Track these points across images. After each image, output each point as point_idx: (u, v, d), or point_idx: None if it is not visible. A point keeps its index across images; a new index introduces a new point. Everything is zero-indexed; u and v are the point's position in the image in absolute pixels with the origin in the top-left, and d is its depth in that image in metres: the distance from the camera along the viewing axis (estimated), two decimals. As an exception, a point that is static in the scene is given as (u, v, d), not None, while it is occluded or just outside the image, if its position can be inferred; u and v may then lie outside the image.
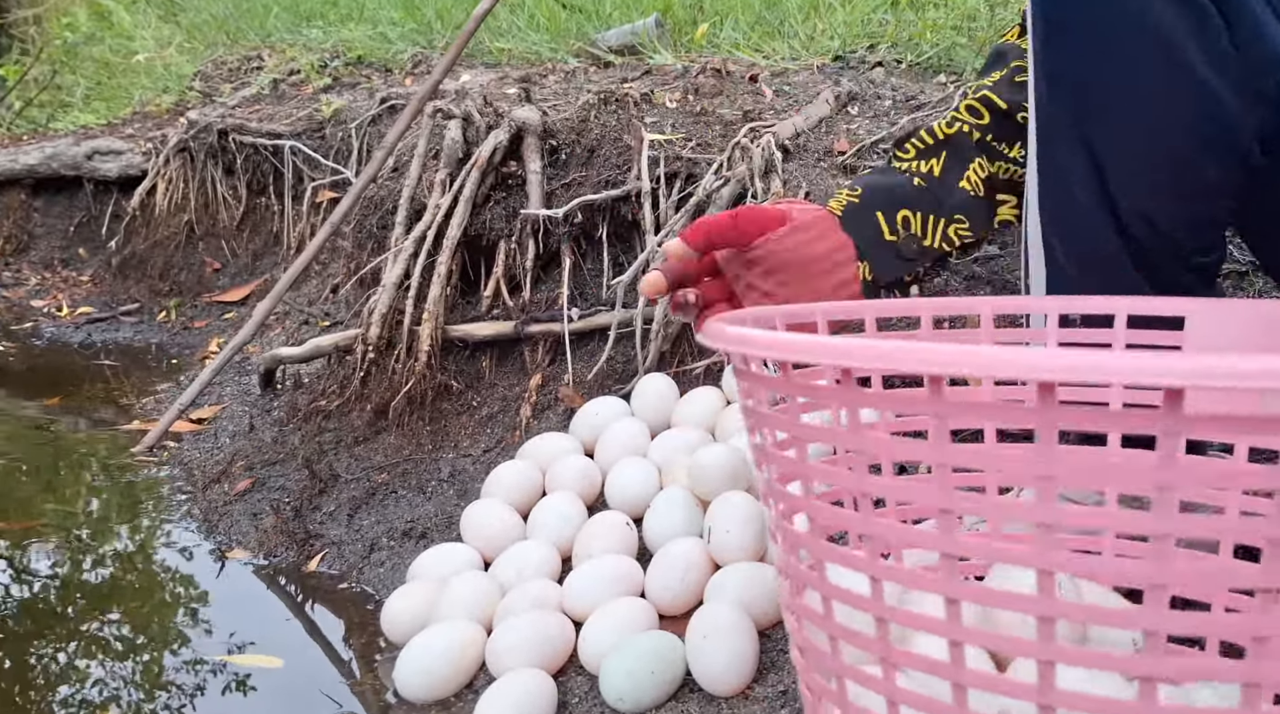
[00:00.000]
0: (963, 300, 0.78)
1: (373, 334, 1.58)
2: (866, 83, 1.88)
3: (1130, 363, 0.38)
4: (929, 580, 0.50)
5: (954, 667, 0.50)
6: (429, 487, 1.44)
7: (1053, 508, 0.45)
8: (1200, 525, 0.43)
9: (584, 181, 1.61)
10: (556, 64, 2.81)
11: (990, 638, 0.49)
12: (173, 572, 1.42)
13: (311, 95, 2.95)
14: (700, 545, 1.14)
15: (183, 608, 1.35)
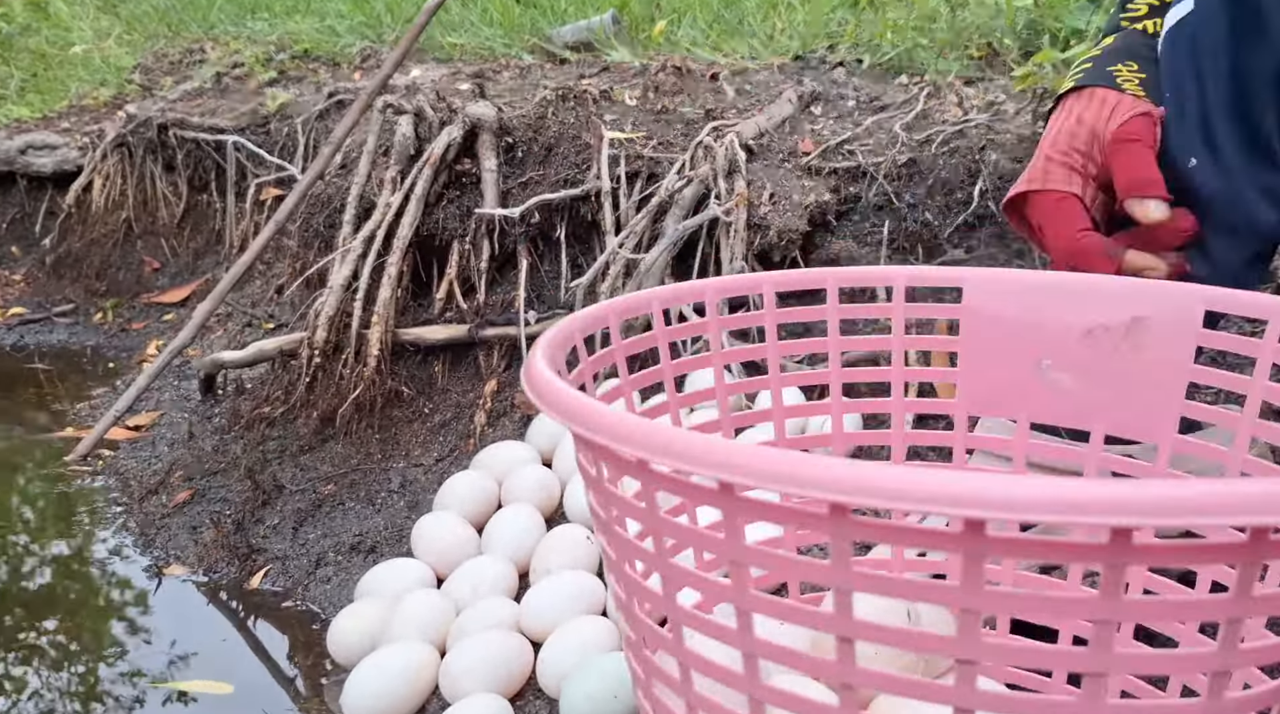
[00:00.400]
0: (873, 270, 0.77)
1: (319, 337, 1.51)
2: (829, 83, 1.85)
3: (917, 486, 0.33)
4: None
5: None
6: (378, 498, 1.38)
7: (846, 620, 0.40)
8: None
9: (541, 180, 1.56)
10: (511, 60, 2.75)
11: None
12: (107, 589, 1.34)
13: (256, 89, 2.85)
14: (664, 560, 1.10)
15: (117, 627, 1.27)
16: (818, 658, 0.43)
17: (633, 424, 0.41)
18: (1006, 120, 1.57)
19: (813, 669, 0.44)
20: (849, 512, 0.37)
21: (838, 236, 1.49)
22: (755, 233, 1.43)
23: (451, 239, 1.57)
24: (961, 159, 1.49)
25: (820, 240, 1.48)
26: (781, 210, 1.43)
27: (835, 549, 0.39)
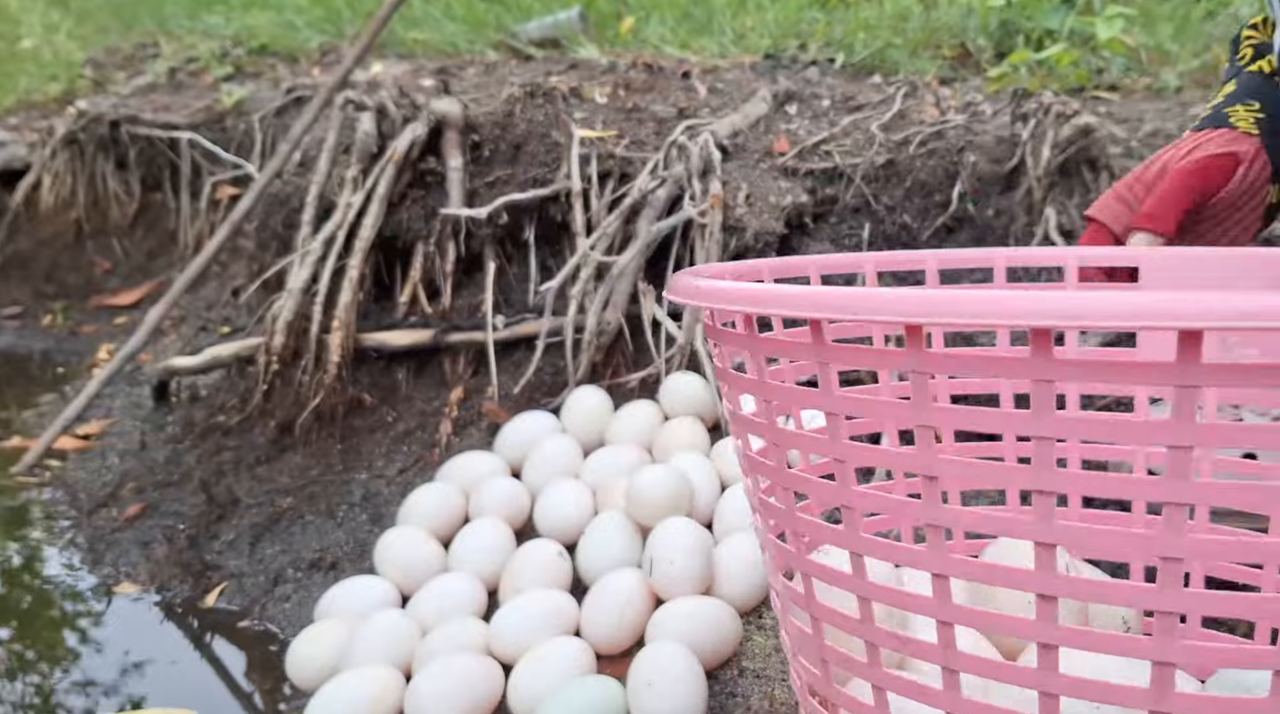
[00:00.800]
0: (975, 252, 0.77)
1: (277, 343, 1.45)
2: (803, 82, 1.81)
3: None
4: (918, 555, 0.47)
5: (944, 650, 0.48)
6: (339, 512, 1.32)
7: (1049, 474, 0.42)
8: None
9: (509, 180, 1.50)
10: (474, 56, 2.69)
11: (982, 618, 0.47)
12: (53, 607, 1.27)
13: (211, 85, 2.77)
14: (640, 578, 1.05)
15: (63, 649, 1.21)
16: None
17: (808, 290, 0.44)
18: (984, 121, 1.54)
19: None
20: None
21: (815, 239, 1.45)
22: (731, 235, 1.39)
23: (415, 240, 1.51)
24: (940, 161, 1.46)
25: (797, 243, 1.45)
26: (758, 212, 1.39)
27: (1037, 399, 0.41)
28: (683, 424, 1.28)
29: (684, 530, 1.06)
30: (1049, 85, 1.89)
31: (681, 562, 1.02)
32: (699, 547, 1.04)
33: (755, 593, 1.05)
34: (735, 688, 0.97)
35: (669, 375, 1.34)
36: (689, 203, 1.37)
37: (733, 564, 1.05)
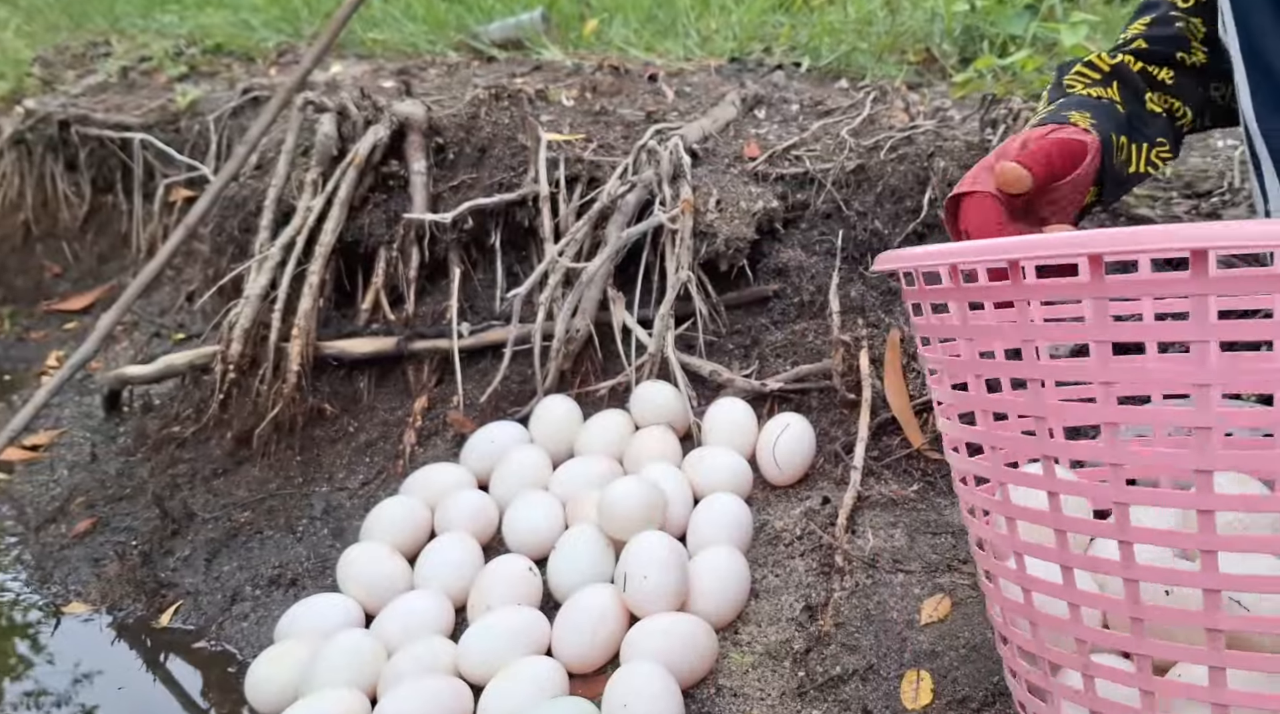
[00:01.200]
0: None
1: (234, 351, 1.40)
2: (770, 86, 1.79)
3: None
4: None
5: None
6: (299, 526, 1.28)
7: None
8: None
9: (474, 184, 1.47)
10: (435, 57, 2.65)
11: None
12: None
13: (165, 85, 2.71)
14: (613, 594, 1.02)
15: (9, 672, 1.16)
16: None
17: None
18: (954, 127, 1.53)
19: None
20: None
21: (786, 245, 1.43)
22: (702, 240, 1.37)
23: (378, 246, 1.47)
24: (910, 166, 1.44)
25: (768, 249, 1.43)
26: (729, 218, 1.37)
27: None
28: (654, 434, 1.25)
29: (658, 544, 1.03)
30: (1014, 91, 1.89)
31: (656, 577, 1.00)
32: (673, 561, 1.02)
33: (730, 607, 1.03)
34: (713, 707, 0.95)
35: (639, 384, 1.31)
36: (659, 208, 1.35)
37: (707, 578, 1.03)
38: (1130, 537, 0.57)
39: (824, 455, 1.25)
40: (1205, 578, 0.54)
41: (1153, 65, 0.98)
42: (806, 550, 1.12)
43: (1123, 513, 0.57)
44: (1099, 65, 0.97)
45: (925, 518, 1.14)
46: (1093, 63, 0.97)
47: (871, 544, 1.10)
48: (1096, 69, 0.97)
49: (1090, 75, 0.96)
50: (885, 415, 1.26)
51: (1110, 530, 0.58)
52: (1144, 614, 0.58)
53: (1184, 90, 0.99)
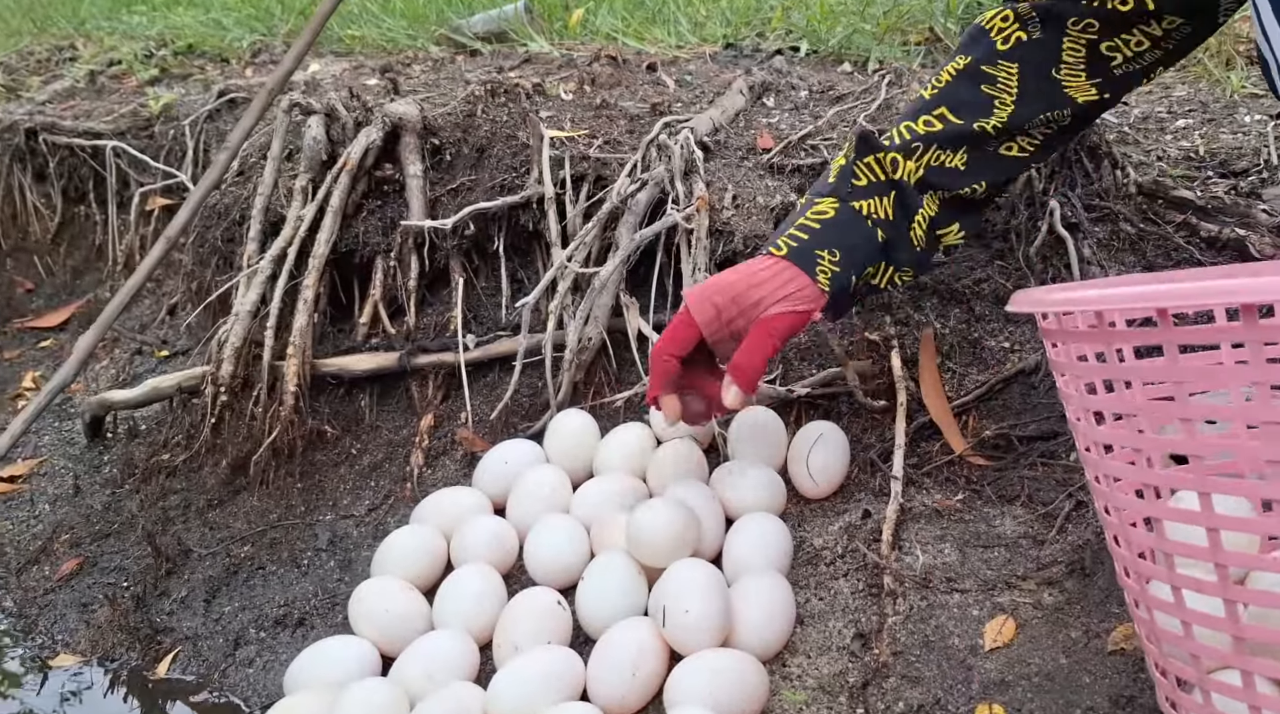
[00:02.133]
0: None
1: (225, 372, 1.32)
2: (774, 72, 1.71)
3: None
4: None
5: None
6: (304, 559, 1.20)
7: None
8: None
9: (474, 186, 1.39)
10: (417, 52, 2.56)
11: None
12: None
13: (136, 89, 2.60)
14: (651, 628, 0.95)
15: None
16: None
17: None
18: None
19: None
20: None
21: (805, 241, 1.36)
22: (718, 239, 1.29)
23: (374, 255, 1.39)
24: (933, 153, 1.37)
25: (787, 246, 1.35)
26: (746, 214, 1.29)
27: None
28: (677, 448, 1.17)
29: (697, 573, 0.96)
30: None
31: (698, 609, 0.92)
32: (715, 591, 0.94)
33: (778, 638, 0.96)
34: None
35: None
36: (673, 207, 1.27)
37: (752, 608, 0.95)
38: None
39: (859, 464, 1.18)
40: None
41: (945, 151, 0.98)
42: (850, 570, 1.05)
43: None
44: (884, 166, 0.97)
45: (975, 530, 1.07)
46: (882, 162, 0.97)
47: (921, 561, 1.03)
48: (883, 169, 0.97)
49: (876, 175, 0.97)
50: (922, 419, 1.19)
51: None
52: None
53: (980, 166, 0.99)
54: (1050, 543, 1.03)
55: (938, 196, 1.00)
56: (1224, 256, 1.27)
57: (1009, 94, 0.96)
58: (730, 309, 0.96)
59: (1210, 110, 1.60)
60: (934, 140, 0.97)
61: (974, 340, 1.28)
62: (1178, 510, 0.61)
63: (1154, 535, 0.64)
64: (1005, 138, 0.99)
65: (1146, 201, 1.32)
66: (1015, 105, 0.97)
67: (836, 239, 0.96)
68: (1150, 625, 0.68)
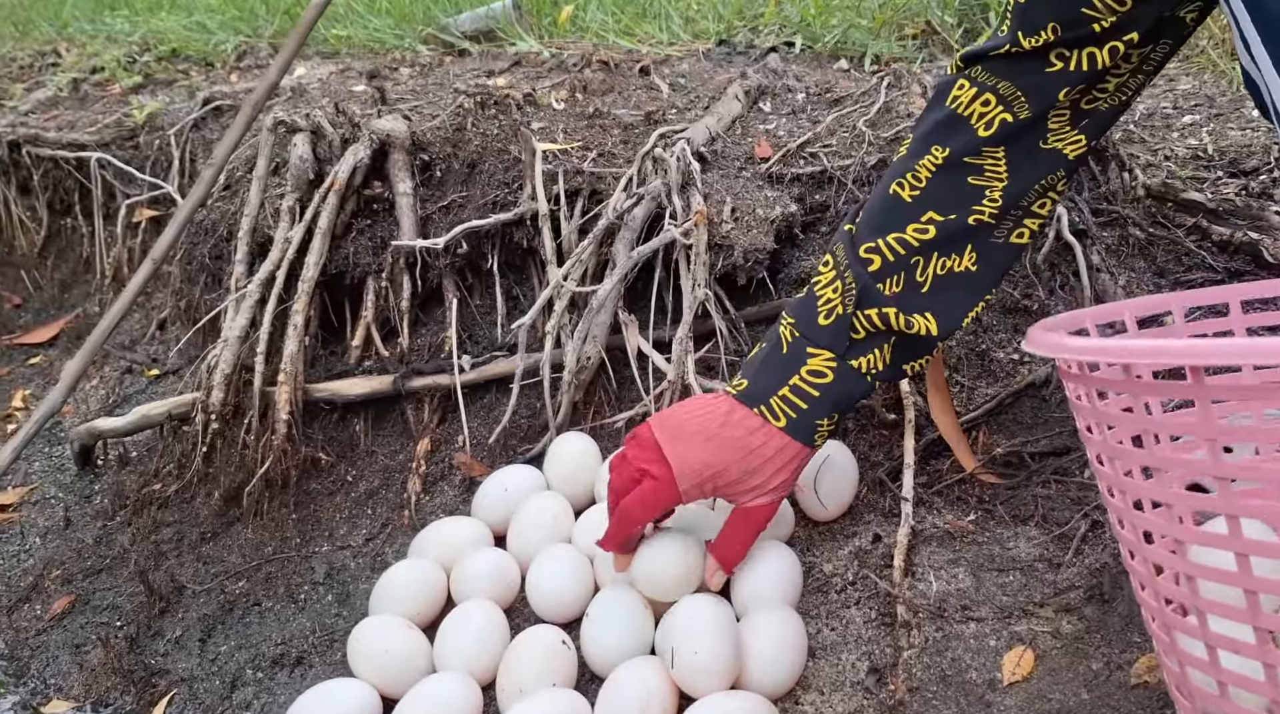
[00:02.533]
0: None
1: (215, 399, 1.29)
2: (769, 72, 1.67)
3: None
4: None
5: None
6: (301, 593, 1.17)
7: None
8: None
9: (465, 203, 1.35)
10: (405, 53, 2.51)
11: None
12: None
13: (120, 97, 2.56)
14: (659, 669, 0.92)
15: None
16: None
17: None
18: (979, 111, 1.41)
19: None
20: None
21: (805, 252, 1.33)
22: (717, 254, 1.26)
23: (365, 276, 1.35)
24: (936, 158, 1.33)
25: (788, 257, 1.32)
26: (745, 227, 1.26)
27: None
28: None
29: (706, 611, 0.93)
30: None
31: (708, 650, 0.90)
32: (725, 630, 0.92)
33: (790, 676, 0.93)
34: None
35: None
36: (670, 222, 1.24)
37: (763, 645, 0.93)
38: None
39: (867, 483, 1.15)
40: None
41: (949, 256, 0.90)
42: (863, 598, 1.02)
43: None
44: (885, 319, 0.90)
45: (988, 552, 1.05)
46: (882, 314, 0.90)
47: (935, 588, 1.00)
48: (883, 321, 0.90)
49: (875, 326, 0.91)
50: (931, 435, 1.16)
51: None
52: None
53: (991, 262, 0.92)
54: (1067, 566, 1.00)
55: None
56: (1236, 261, 1.24)
57: (999, 180, 0.88)
58: (719, 488, 0.93)
59: (1217, 104, 1.56)
60: (934, 248, 0.89)
61: (982, 352, 1.25)
62: (1214, 569, 0.58)
63: (1187, 591, 0.61)
64: (1007, 221, 0.90)
65: (1155, 204, 1.29)
66: (1008, 183, 0.88)
67: (835, 402, 0.92)
68: (1181, 679, 0.66)
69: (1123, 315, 0.80)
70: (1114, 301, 1.23)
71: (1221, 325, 0.84)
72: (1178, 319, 0.83)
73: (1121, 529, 0.68)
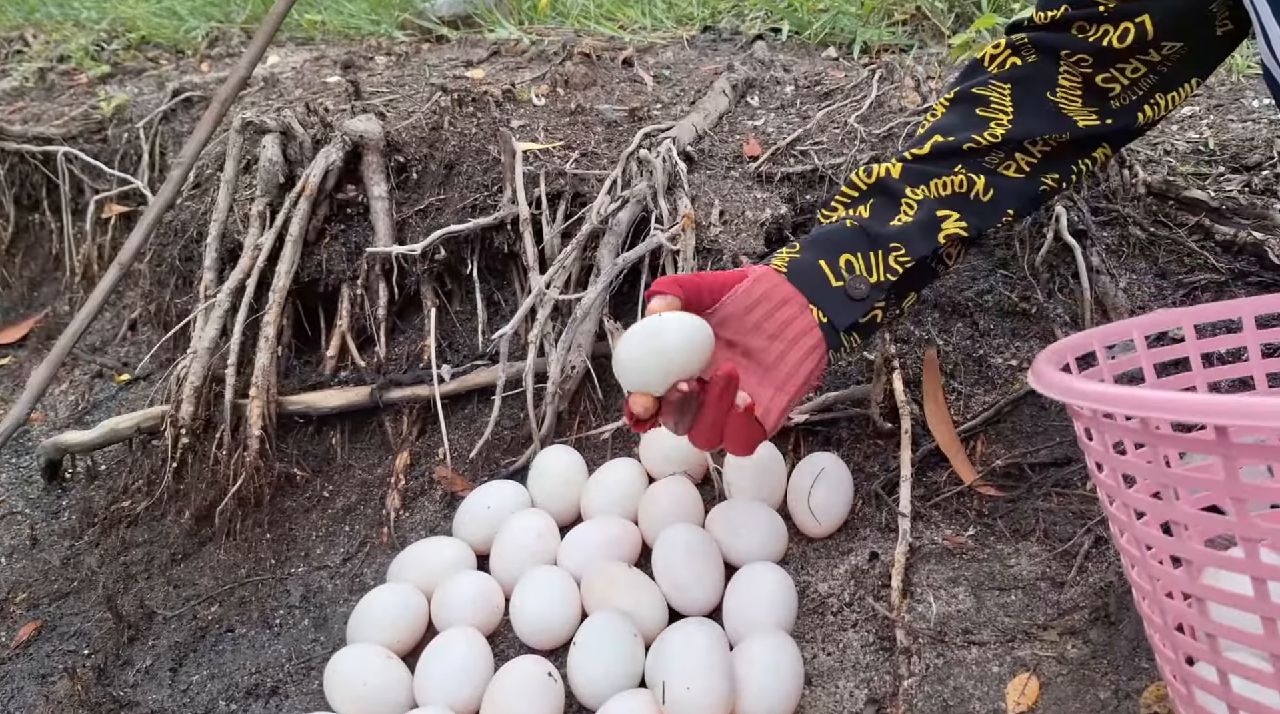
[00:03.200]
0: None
1: (185, 413, 1.24)
2: (756, 63, 1.62)
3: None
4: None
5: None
6: (276, 618, 1.12)
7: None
8: None
9: (443, 206, 1.30)
10: (381, 40, 2.45)
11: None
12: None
13: (87, 87, 2.48)
14: (648, 703, 0.88)
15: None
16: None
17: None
18: (974, 105, 1.37)
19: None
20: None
21: (797, 253, 1.28)
22: (706, 258, 1.21)
23: (339, 283, 1.30)
24: (930, 154, 1.29)
25: (779, 260, 1.27)
26: (734, 230, 1.22)
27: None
28: (669, 489, 1.10)
29: (697, 639, 0.89)
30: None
31: (700, 684, 0.86)
32: (718, 661, 0.88)
33: (785, 706, 0.89)
34: None
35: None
36: (656, 226, 1.19)
37: (758, 675, 0.89)
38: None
39: (862, 495, 1.11)
40: None
41: (940, 177, 0.92)
42: (860, 620, 0.99)
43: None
44: (857, 184, 0.93)
45: (988, 569, 1.01)
46: (853, 181, 0.94)
47: (935, 610, 0.97)
48: (855, 188, 0.94)
49: (847, 196, 0.94)
50: (927, 445, 1.13)
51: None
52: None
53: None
54: (1070, 585, 0.97)
55: (949, 182, 0.93)
56: (1240, 261, 1.21)
57: (1004, 113, 0.92)
58: (739, 344, 0.89)
59: (1216, 94, 1.52)
60: (925, 167, 0.92)
61: (979, 357, 1.21)
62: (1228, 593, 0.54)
63: (1199, 615, 0.57)
64: (1000, 153, 0.92)
65: (1156, 202, 1.26)
66: (1012, 125, 0.91)
67: (802, 239, 0.93)
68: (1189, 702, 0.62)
69: (1130, 334, 0.78)
70: (1114, 302, 1.20)
71: (1236, 342, 0.81)
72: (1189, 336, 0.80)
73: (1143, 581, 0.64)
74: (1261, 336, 0.79)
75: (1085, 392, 0.54)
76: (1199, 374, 0.80)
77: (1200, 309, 0.81)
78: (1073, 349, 0.72)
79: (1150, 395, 0.49)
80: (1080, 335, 0.73)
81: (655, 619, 0.99)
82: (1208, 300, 1.18)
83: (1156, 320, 0.80)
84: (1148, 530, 0.59)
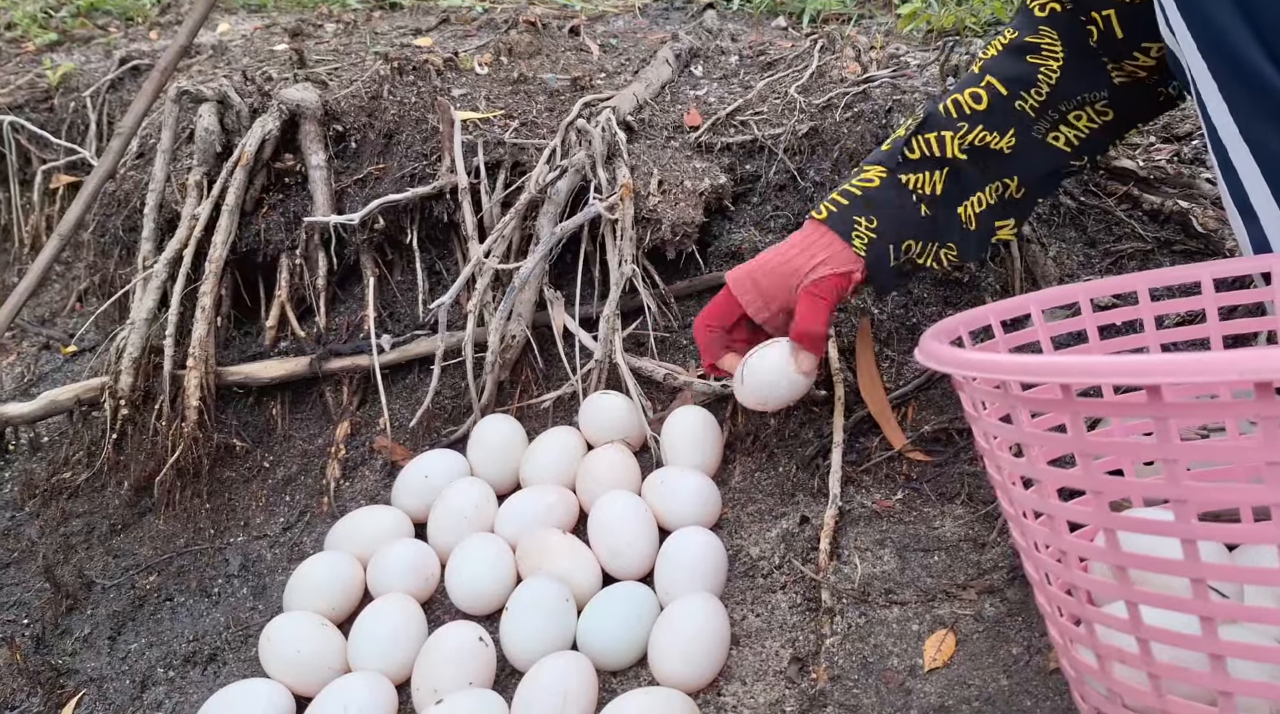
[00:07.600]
0: (1181, 269, 0.80)
1: (124, 384, 1.23)
2: (703, 32, 1.63)
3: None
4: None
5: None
6: (214, 587, 1.13)
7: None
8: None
9: (382, 176, 1.30)
10: (332, 8, 2.42)
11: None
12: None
13: (33, 55, 2.44)
14: (579, 663, 0.90)
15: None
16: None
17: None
18: (912, 77, 1.38)
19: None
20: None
21: (737, 224, 1.29)
22: (645, 228, 1.22)
23: (278, 253, 1.30)
24: (867, 125, 1.30)
25: (719, 229, 1.28)
26: (673, 200, 1.22)
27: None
28: (607, 456, 1.12)
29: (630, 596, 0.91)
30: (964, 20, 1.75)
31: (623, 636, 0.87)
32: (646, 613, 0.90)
33: (712, 666, 0.91)
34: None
35: (587, 396, 1.17)
36: (595, 196, 1.20)
37: (685, 637, 0.91)
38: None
39: (797, 461, 1.13)
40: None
41: (991, 133, 0.94)
42: (789, 582, 1.01)
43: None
44: (946, 146, 0.94)
45: (914, 532, 1.03)
46: (944, 139, 0.94)
47: (860, 572, 0.99)
48: (941, 146, 0.94)
49: (931, 151, 0.95)
50: (860, 412, 1.15)
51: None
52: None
53: (1024, 152, 0.96)
54: (991, 546, 1.00)
55: (997, 188, 0.97)
56: (1166, 229, 1.23)
57: (1054, 61, 0.93)
58: (773, 286, 0.97)
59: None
60: (979, 120, 0.94)
61: (912, 326, 1.23)
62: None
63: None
64: (1048, 120, 0.94)
65: (1088, 172, 1.27)
66: (1059, 76, 0.92)
67: (878, 207, 0.96)
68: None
69: (1028, 308, 0.80)
70: (1044, 271, 1.22)
71: (1132, 314, 0.83)
72: (1085, 311, 0.83)
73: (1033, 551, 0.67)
74: (1155, 309, 0.82)
75: (943, 355, 0.57)
76: (1095, 346, 0.83)
77: (1097, 284, 0.83)
78: (966, 323, 0.74)
79: (1003, 359, 0.52)
80: (977, 310, 0.76)
81: (589, 584, 1.00)
82: (1133, 269, 1.20)
83: (1053, 295, 0.82)
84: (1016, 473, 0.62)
